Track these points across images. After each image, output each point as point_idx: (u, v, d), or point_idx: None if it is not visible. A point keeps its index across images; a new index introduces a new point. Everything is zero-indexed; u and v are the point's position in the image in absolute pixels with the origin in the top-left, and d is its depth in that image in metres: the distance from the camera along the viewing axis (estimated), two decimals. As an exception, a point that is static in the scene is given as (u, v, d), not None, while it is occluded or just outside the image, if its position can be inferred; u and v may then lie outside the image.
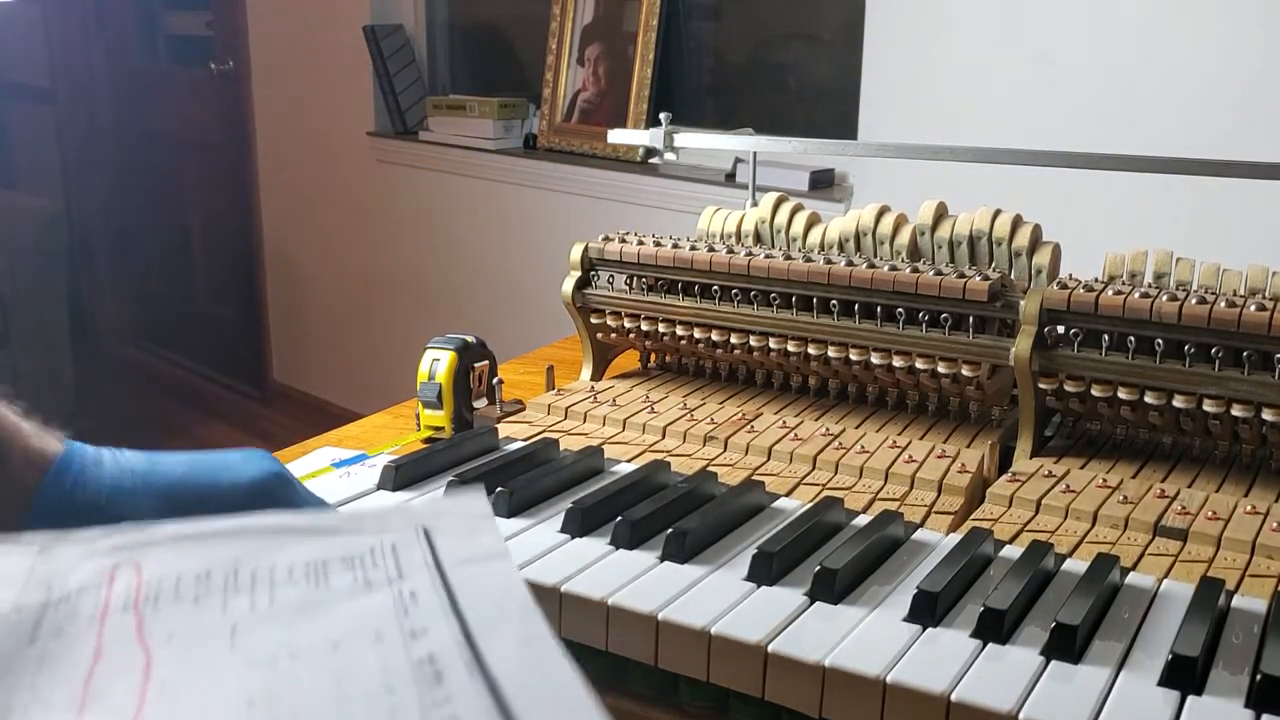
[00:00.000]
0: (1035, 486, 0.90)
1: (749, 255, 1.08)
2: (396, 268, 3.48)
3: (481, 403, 1.12)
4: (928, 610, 0.69)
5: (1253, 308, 0.87)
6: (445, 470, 0.94)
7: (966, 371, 1.00)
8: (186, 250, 4.32)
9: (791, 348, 1.07)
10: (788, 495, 0.91)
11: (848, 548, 0.76)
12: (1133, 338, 0.91)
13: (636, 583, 0.74)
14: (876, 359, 1.03)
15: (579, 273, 1.19)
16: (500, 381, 1.12)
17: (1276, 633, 0.67)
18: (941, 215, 1.11)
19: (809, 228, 1.17)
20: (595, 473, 0.94)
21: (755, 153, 1.42)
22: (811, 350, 1.06)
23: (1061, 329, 0.95)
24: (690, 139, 1.41)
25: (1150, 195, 1.93)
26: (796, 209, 1.19)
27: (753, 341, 1.10)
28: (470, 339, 1.12)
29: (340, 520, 0.50)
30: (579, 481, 0.92)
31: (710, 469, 0.94)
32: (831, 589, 0.72)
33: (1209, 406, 0.90)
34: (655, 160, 2.77)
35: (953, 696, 0.62)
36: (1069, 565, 0.78)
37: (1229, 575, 0.77)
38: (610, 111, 2.89)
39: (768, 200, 1.19)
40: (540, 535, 0.81)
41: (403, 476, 0.90)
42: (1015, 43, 2.13)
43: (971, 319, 0.99)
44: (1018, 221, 1.07)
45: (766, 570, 0.74)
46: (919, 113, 2.26)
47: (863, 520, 0.85)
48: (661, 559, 0.77)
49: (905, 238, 1.10)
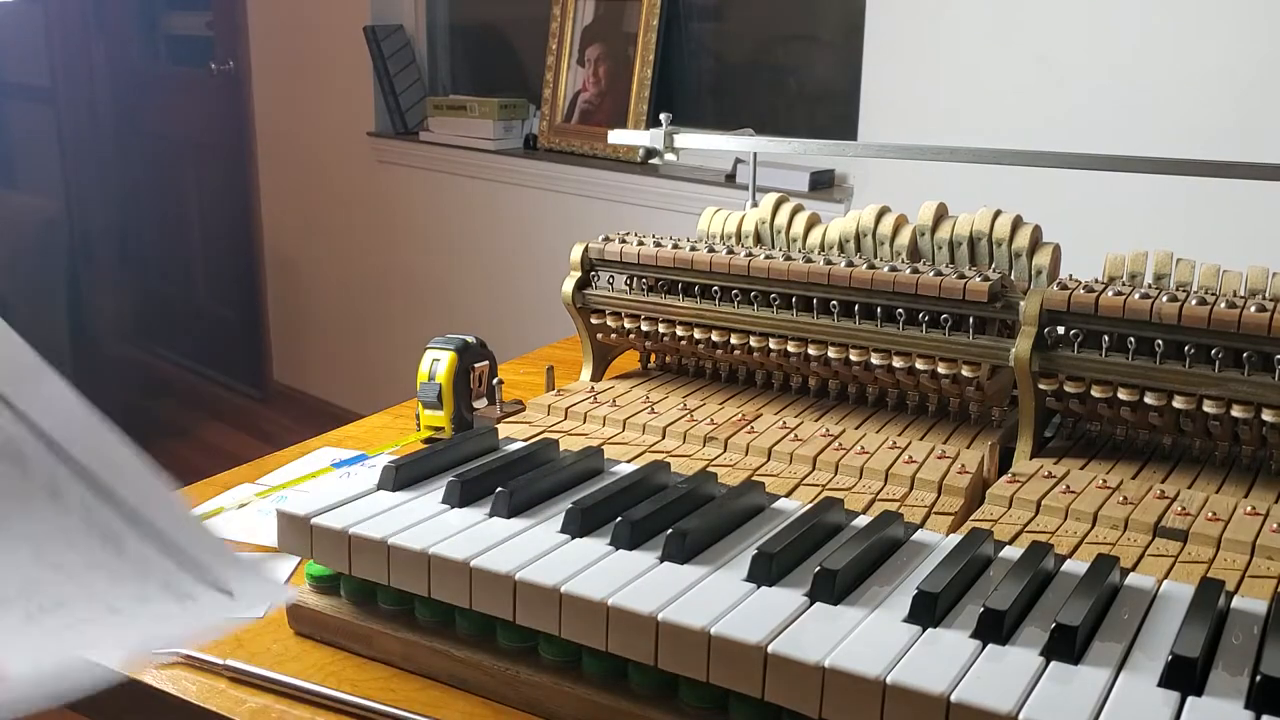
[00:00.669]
0: (1035, 487, 0.90)
1: (749, 256, 1.08)
2: (396, 268, 3.48)
3: (481, 403, 1.12)
4: (927, 611, 0.69)
5: (1253, 309, 0.87)
6: (445, 470, 0.94)
7: (966, 372, 1.00)
8: (186, 250, 4.32)
9: (791, 348, 1.07)
10: (787, 496, 0.91)
11: (848, 548, 0.76)
12: (1133, 339, 0.92)
13: (636, 583, 0.74)
14: (876, 360, 1.03)
15: (579, 273, 1.19)
16: (500, 382, 1.12)
17: (1276, 634, 0.67)
18: (941, 216, 1.11)
19: (809, 228, 1.17)
20: (595, 473, 0.94)
21: (755, 153, 1.42)
22: (811, 351, 1.06)
23: (1062, 330, 0.95)
24: (690, 140, 1.41)
25: (1150, 196, 1.93)
26: (797, 210, 1.19)
27: (753, 342, 1.10)
28: (470, 339, 1.12)
29: None
30: (579, 482, 0.91)
31: (710, 469, 0.94)
32: (831, 590, 0.72)
33: (1209, 407, 0.90)
34: (655, 161, 2.77)
35: (952, 697, 0.62)
36: (1069, 566, 0.78)
37: (1229, 576, 0.77)
38: (610, 112, 2.89)
39: (768, 201, 1.19)
40: (540, 536, 0.81)
41: (403, 476, 0.90)
42: (1015, 43, 2.13)
43: (971, 320, 0.99)
44: (1018, 222, 1.07)
45: (766, 571, 0.74)
46: (919, 113, 2.26)
47: (863, 521, 0.85)
48: (661, 559, 0.77)
49: (905, 238, 1.10)
